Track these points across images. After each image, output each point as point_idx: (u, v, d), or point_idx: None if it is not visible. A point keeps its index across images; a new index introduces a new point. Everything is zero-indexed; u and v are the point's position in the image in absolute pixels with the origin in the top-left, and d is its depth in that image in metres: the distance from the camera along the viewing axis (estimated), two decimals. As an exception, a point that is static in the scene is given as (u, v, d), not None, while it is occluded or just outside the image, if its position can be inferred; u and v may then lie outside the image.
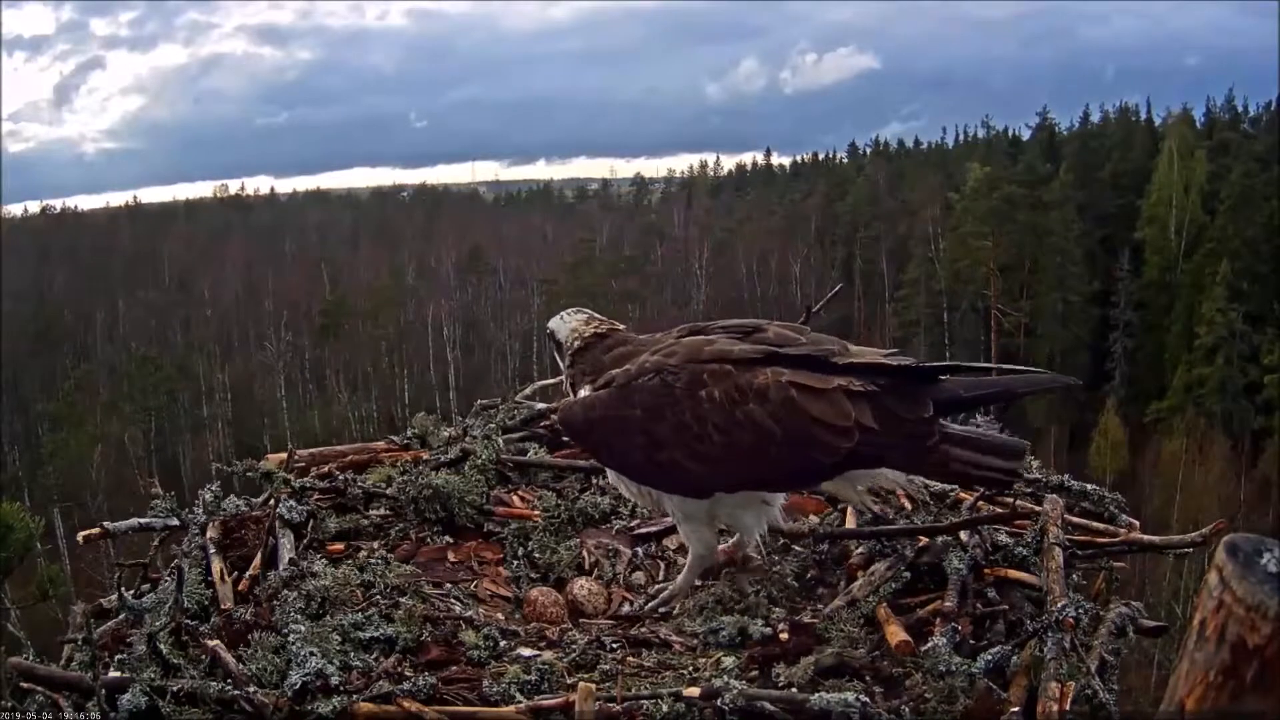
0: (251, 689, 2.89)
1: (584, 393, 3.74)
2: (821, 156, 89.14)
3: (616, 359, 3.68)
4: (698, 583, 3.79)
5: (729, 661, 3.14)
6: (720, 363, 3.43)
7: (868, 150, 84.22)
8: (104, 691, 2.83)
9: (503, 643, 3.29)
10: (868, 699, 2.80)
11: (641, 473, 3.60)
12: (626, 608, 3.80)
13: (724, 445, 3.38)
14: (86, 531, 3.94)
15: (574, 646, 3.30)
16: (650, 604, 3.75)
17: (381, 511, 4.23)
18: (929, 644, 3.00)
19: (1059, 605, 3.04)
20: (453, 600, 3.66)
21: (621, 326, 3.93)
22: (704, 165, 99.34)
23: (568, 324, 3.95)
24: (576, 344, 3.85)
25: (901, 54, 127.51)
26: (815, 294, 44.81)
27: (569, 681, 3.02)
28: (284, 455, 4.49)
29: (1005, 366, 3.77)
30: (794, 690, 2.92)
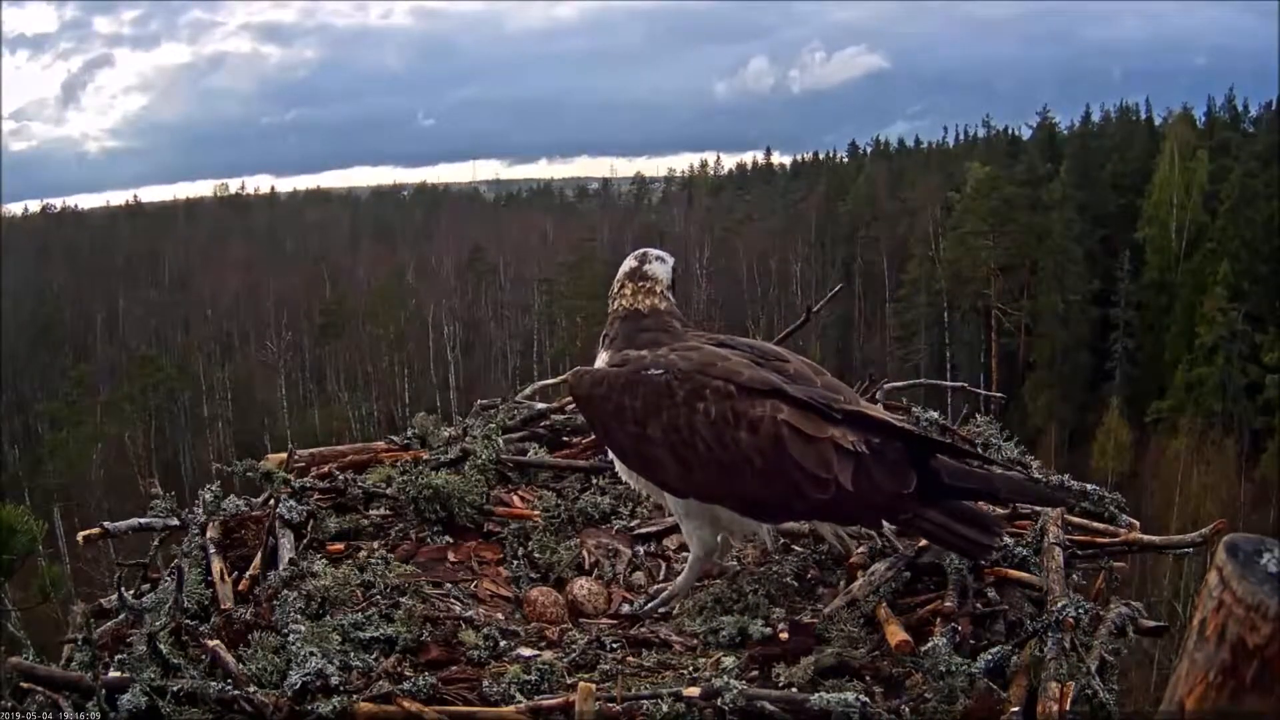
0: (251, 689, 2.89)
1: (602, 359, 3.83)
2: (822, 156, 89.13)
3: (645, 341, 3.75)
4: (697, 583, 3.79)
5: (729, 661, 3.15)
6: (726, 382, 3.46)
7: (868, 150, 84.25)
8: (104, 691, 2.83)
9: (503, 643, 3.29)
10: (868, 699, 2.80)
11: (627, 457, 3.69)
12: (626, 608, 3.80)
13: (707, 459, 3.44)
14: (86, 531, 3.95)
15: (574, 646, 3.31)
16: (649, 604, 3.75)
17: (381, 511, 4.23)
18: (929, 644, 2.99)
19: (1059, 605, 3.04)
20: (453, 600, 3.66)
21: (671, 303, 3.98)
22: (704, 164, 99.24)
23: (668, 267, 4.03)
24: (627, 310, 3.91)
25: (911, 54, 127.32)
26: (815, 294, 44.88)
27: (569, 681, 3.02)
28: (284, 455, 4.49)
29: (1002, 464, 3.91)
30: (794, 690, 2.92)
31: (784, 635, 3.26)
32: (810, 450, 3.35)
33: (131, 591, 3.70)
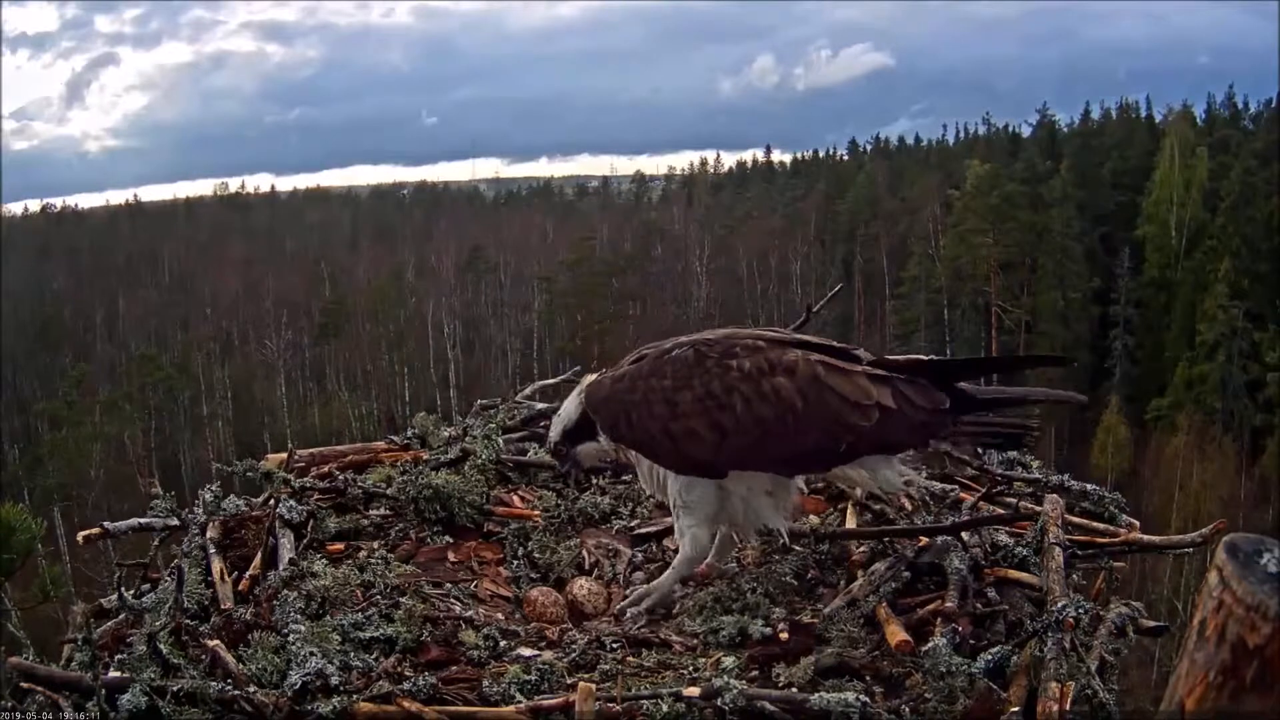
0: (251, 689, 2.89)
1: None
2: (822, 154, 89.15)
3: (648, 347, 3.76)
4: (697, 583, 3.78)
5: (729, 661, 3.14)
6: (755, 339, 3.58)
7: (868, 148, 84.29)
8: (104, 691, 2.83)
9: (503, 643, 3.30)
10: (868, 699, 2.80)
11: (655, 445, 3.63)
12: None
13: (745, 416, 3.46)
14: (86, 531, 3.94)
15: (574, 646, 3.31)
16: (630, 605, 3.72)
17: (381, 511, 4.23)
18: (929, 644, 3.00)
19: (1059, 605, 3.04)
20: (453, 600, 3.66)
21: None
22: (704, 163, 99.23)
23: (570, 403, 3.89)
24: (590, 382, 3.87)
25: (915, 52, 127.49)
26: (815, 292, 44.90)
27: (569, 681, 3.02)
28: (284, 455, 4.49)
29: (1022, 357, 3.91)
30: (794, 690, 2.92)
31: (784, 635, 3.26)
32: (848, 381, 3.47)
33: (131, 591, 3.70)
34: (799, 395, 3.45)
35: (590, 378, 3.92)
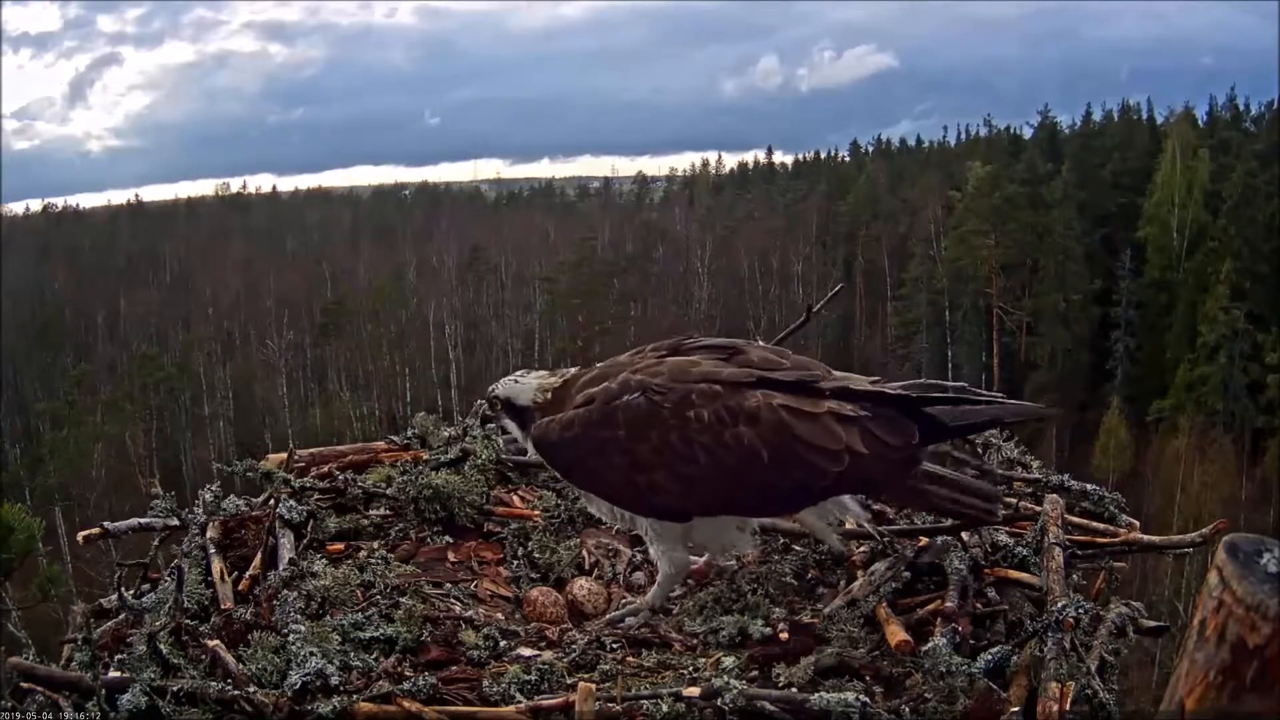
0: (251, 689, 2.89)
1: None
2: (824, 155, 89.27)
3: (596, 379, 3.59)
4: (696, 584, 3.78)
5: (729, 661, 3.14)
6: (709, 383, 3.39)
7: (870, 149, 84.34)
8: (104, 691, 2.83)
9: (503, 643, 3.29)
10: (868, 699, 2.80)
11: (617, 494, 3.54)
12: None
13: (710, 467, 3.34)
14: (86, 531, 3.95)
15: (574, 646, 3.30)
16: (617, 616, 3.69)
17: (381, 511, 4.23)
18: (929, 644, 2.99)
19: (1059, 605, 3.04)
20: (453, 600, 3.66)
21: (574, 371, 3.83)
22: (705, 164, 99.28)
23: (528, 384, 3.79)
24: (545, 398, 3.72)
25: (917, 53, 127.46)
26: (817, 293, 44.92)
27: (569, 681, 3.02)
28: (284, 455, 4.49)
29: (990, 395, 3.72)
30: (794, 690, 2.92)
31: (784, 635, 3.25)
32: (814, 426, 3.31)
33: (131, 591, 3.70)
34: (763, 444, 3.30)
35: (570, 372, 3.82)
